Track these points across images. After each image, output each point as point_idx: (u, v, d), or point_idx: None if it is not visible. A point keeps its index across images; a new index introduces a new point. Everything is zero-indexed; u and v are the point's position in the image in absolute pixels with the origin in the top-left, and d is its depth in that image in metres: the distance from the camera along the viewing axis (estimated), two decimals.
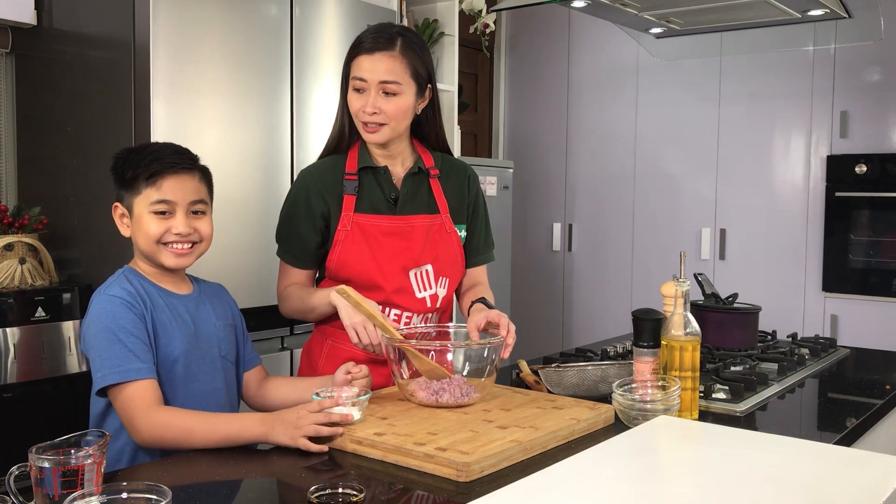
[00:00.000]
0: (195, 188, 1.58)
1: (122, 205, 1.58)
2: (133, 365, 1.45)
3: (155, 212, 1.54)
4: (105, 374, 1.45)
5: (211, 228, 1.61)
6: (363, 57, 1.76)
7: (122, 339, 1.46)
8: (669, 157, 4.38)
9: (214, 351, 1.62)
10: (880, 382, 2.10)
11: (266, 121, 2.73)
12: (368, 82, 1.75)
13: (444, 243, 1.89)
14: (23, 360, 2.33)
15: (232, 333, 1.68)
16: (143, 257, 1.59)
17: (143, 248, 1.57)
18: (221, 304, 1.69)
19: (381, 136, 1.80)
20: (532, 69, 4.85)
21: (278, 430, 1.39)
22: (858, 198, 3.83)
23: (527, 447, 1.36)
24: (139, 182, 1.54)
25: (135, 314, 1.50)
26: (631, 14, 2.50)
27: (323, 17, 2.92)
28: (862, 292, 3.83)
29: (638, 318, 1.68)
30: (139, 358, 1.46)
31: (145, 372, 1.46)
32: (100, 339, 1.47)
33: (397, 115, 1.77)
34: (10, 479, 1.12)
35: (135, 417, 1.44)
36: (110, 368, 1.45)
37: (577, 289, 4.73)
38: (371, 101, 1.75)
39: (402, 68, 1.75)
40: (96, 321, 1.49)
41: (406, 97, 1.78)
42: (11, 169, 2.86)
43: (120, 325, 1.47)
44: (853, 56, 3.83)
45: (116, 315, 1.48)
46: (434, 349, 1.65)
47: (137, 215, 1.55)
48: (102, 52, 2.56)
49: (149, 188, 1.54)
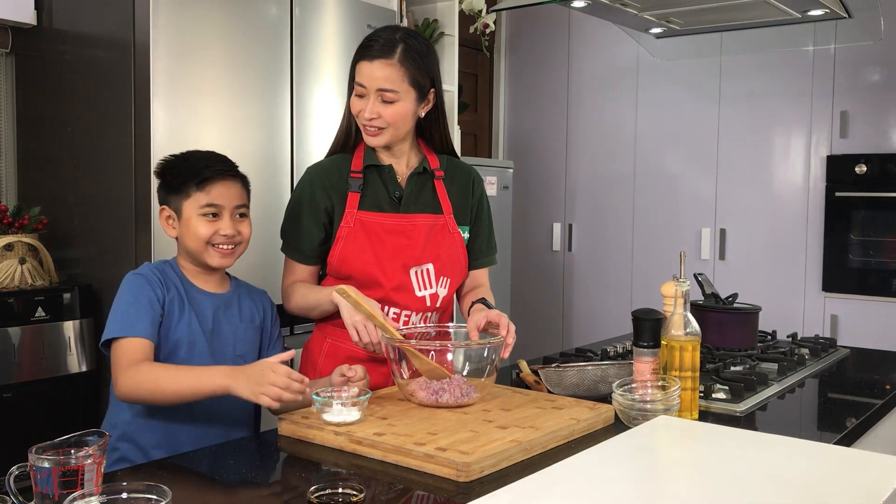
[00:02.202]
0: (239, 194, 1.70)
1: (170, 208, 1.68)
2: (137, 324, 1.56)
3: (204, 214, 1.65)
4: (113, 327, 1.56)
5: (250, 231, 1.73)
6: (364, 63, 1.78)
7: (133, 303, 1.58)
8: (669, 157, 4.39)
9: (229, 349, 1.69)
10: (880, 382, 2.10)
11: (266, 121, 2.73)
12: (367, 88, 1.78)
13: (447, 243, 1.90)
14: (23, 360, 2.33)
15: (256, 335, 1.76)
16: (188, 257, 1.69)
17: (192, 248, 1.67)
18: (253, 305, 1.78)
19: (381, 140, 1.82)
20: (532, 69, 4.85)
21: (241, 383, 1.46)
22: (858, 198, 3.83)
23: (527, 447, 1.36)
24: (189, 187, 1.65)
25: (153, 288, 1.61)
26: (631, 14, 2.50)
27: (323, 17, 2.92)
28: (862, 292, 3.83)
29: (638, 318, 1.68)
30: (143, 319, 1.57)
31: (145, 333, 1.56)
32: (120, 302, 1.59)
33: (395, 120, 1.79)
34: (10, 479, 1.12)
35: (117, 372, 1.53)
36: (117, 323, 1.56)
37: (577, 289, 4.73)
38: (370, 106, 1.78)
39: (401, 77, 1.77)
40: (121, 292, 1.61)
41: (405, 104, 1.79)
42: (11, 169, 2.86)
43: (135, 294, 1.60)
44: (853, 56, 3.83)
45: (135, 286, 1.61)
46: (434, 349, 1.65)
47: (186, 218, 1.66)
48: (102, 52, 2.56)
49: (199, 193, 1.65)
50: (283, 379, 1.43)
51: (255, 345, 1.76)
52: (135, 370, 1.52)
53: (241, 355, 1.71)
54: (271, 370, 1.44)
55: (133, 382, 1.52)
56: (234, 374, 1.48)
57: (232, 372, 1.49)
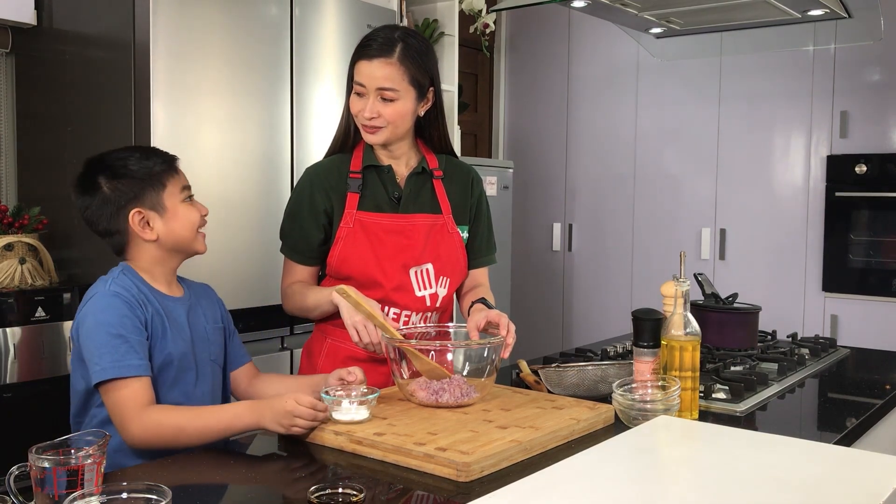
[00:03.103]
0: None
1: (144, 207, 1.54)
2: (132, 361, 1.44)
3: (187, 198, 1.57)
4: (105, 367, 1.43)
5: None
6: (363, 62, 1.78)
7: (122, 335, 1.45)
8: (669, 157, 4.38)
9: (205, 355, 1.62)
10: (880, 382, 2.10)
11: (266, 121, 2.73)
12: (367, 87, 1.78)
13: (446, 243, 1.90)
14: (23, 360, 2.33)
15: (221, 336, 1.68)
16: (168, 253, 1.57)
17: (181, 240, 1.57)
18: (211, 305, 1.69)
19: (380, 138, 1.82)
20: (532, 69, 4.85)
21: (268, 419, 1.41)
22: (858, 198, 3.83)
23: (527, 447, 1.36)
24: (162, 175, 1.54)
25: (135, 313, 1.49)
26: (631, 14, 2.50)
27: (323, 17, 2.92)
28: (862, 292, 3.83)
29: (638, 318, 1.68)
30: (138, 354, 1.46)
31: (143, 369, 1.46)
32: (100, 332, 1.45)
33: (395, 119, 1.79)
34: (10, 479, 1.12)
35: (126, 419, 1.43)
36: (110, 362, 1.43)
37: (577, 289, 4.73)
38: (370, 105, 1.78)
39: (400, 75, 1.77)
40: (96, 315, 1.47)
41: (404, 102, 1.79)
42: (11, 169, 2.86)
43: (121, 321, 1.46)
44: (853, 56, 3.83)
45: (118, 311, 1.47)
46: (434, 349, 1.65)
47: (171, 208, 1.55)
48: (102, 52, 2.56)
49: (172, 177, 1.55)
50: (310, 412, 1.40)
51: (222, 346, 1.68)
52: (147, 417, 1.42)
53: (215, 359, 1.65)
54: (296, 403, 1.40)
55: (150, 432, 1.42)
56: (260, 410, 1.42)
57: (256, 408, 1.43)
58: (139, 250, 1.57)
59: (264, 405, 1.43)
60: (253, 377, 1.74)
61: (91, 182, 1.55)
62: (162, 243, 1.56)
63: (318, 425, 1.42)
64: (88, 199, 1.55)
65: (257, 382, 1.73)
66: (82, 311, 1.51)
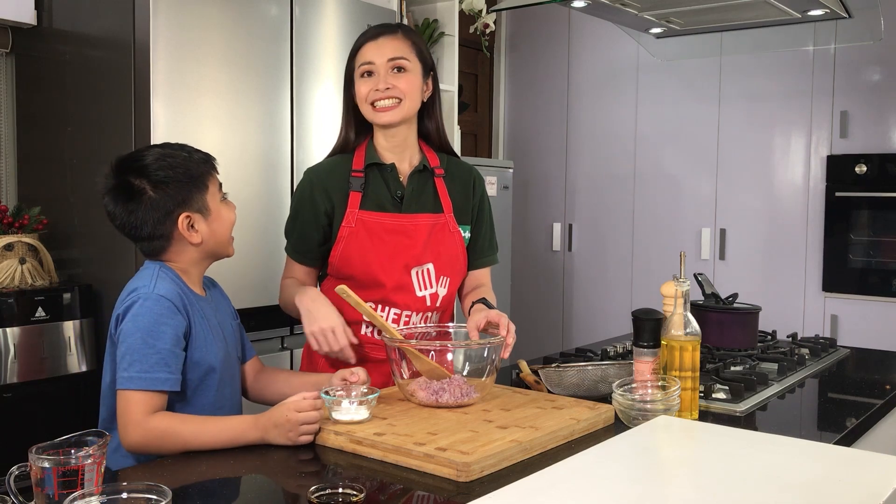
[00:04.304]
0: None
1: (192, 210, 1.50)
2: (160, 374, 1.42)
3: (222, 198, 1.57)
4: (132, 376, 1.41)
5: None
6: (369, 44, 1.80)
7: (157, 346, 1.43)
8: (669, 157, 4.38)
9: (234, 354, 1.63)
10: (880, 382, 2.10)
11: (266, 121, 2.73)
12: (377, 64, 1.79)
13: (447, 242, 1.90)
14: (23, 360, 2.33)
15: (238, 331, 1.70)
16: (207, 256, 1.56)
17: (220, 242, 1.56)
18: (225, 301, 1.70)
19: (396, 115, 1.80)
20: (532, 69, 4.85)
21: (273, 435, 1.39)
22: (858, 198, 3.83)
23: (527, 447, 1.36)
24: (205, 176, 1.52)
25: (180, 319, 1.46)
26: (631, 14, 2.50)
27: (323, 17, 2.92)
28: (862, 292, 3.83)
29: (638, 318, 1.68)
30: (168, 367, 1.43)
31: (170, 384, 1.44)
32: (138, 338, 1.43)
33: (409, 90, 1.80)
34: (10, 479, 1.12)
35: (130, 423, 1.42)
36: (138, 372, 1.41)
37: (577, 289, 4.73)
38: (383, 78, 1.78)
39: (409, 47, 1.81)
40: (140, 318, 1.44)
41: (415, 74, 1.81)
42: (11, 169, 2.86)
43: (162, 329, 1.44)
44: (853, 56, 3.83)
45: (162, 317, 1.44)
46: (434, 349, 1.65)
47: (215, 210, 1.53)
48: (102, 52, 2.56)
49: (212, 179, 1.54)
50: (312, 414, 1.39)
51: (240, 341, 1.68)
52: (152, 424, 1.40)
53: (239, 357, 1.67)
54: (296, 410, 1.38)
55: (151, 438, 1.40)
56: (263, 426, 1.39)
57: (258, 423, 1.40)
58: (179, 253, 1.53)
59: (267, 421, 1.40)
60: (258, 371, 1.75)
61: (130, 187, 1.48)
62: (205, 246, 1.54)
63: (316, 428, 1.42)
64: (133, 205, 1.48)
65: (262, 377, 1.74)
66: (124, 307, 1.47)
